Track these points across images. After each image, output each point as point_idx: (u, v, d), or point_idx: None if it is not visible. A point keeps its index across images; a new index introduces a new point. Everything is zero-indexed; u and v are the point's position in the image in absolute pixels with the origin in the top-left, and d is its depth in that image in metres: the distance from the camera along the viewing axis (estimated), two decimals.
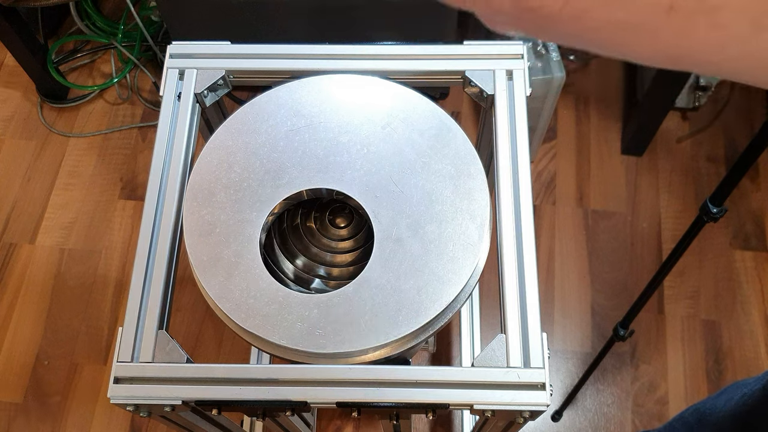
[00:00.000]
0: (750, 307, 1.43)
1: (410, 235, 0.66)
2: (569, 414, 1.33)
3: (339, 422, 1.33)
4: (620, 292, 1.45)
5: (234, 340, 1.41)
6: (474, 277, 0.66)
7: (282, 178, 0.70)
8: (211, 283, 0.65)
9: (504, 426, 0.72)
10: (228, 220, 0.68)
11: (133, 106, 1.70)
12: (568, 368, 1.38)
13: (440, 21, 1.36)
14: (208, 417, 0.74)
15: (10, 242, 1.52)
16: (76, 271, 1.48)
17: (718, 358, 1.38)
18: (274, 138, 0.72)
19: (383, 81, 0.75)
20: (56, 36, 1.78)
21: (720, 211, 0.86)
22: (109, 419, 1.34)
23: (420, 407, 0.62)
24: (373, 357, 0.64)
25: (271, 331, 0.63)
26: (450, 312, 0.65)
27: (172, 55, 0.80)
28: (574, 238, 1.51)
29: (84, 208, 1.56)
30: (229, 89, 0.81)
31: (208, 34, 0.82)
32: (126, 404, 0.63)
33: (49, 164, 1.62)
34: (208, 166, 0.71)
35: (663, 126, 1.55)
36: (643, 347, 1.39)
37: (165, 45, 0.86)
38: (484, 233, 0.67)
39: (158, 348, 0.65)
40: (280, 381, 0.63)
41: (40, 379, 1.37)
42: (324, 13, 1.36)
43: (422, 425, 1.33)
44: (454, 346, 1.39)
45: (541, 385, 0.62)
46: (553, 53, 1.34)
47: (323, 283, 0.77)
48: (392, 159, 0.70)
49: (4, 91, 1.73)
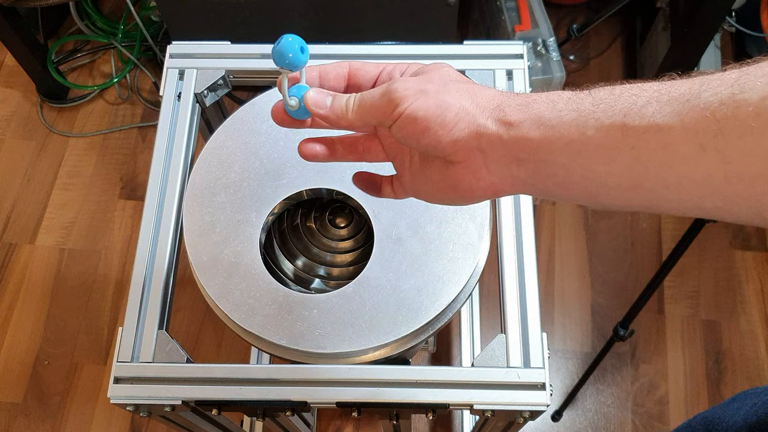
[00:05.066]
0: (750, 307, 1.43)
1: (410, 235, 0.66)
2: (569, 414, 1.33)
3: (339, 422, 1.33)
4: (620, 292, 1.45)
5: (234, 340, 1.41)
6: (474, 277, 0.66)
7: (282, 178, 0.70)
8: (211, 283, 0.65)
9: (504, 426, 0.72)
10: (228, 220, 0.68)
11: (133, 106, 1.70)
12: (568, 368, 1.38)
13: (440, 21, 1.36)
14: (208, 417, 0.74)
15: (10, 242, 1.52)
16: (76, 271, 1.48)
17: (718, 358, 1.38)
18: (274, 138, 0.72)
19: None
20: (56, 36, 1.78)
21: None
22: (109, 419, 1.34)
23: (420, 407, 0.62)
24: (373, 357, 0.64)
25: (271, 331, 0.63)
26: (450, 312, 0.65)
27: (172, 55, 0.80)
28: (574, 238, 1.51)
29: (84, 208, 1.56)
30: (229, 89, 0.81)
31: (208, 34, 0.82)
32: (126, 404, 0.63)
33: (49, 164, 1.62)
34: (208, 166, 0.71)
35: None
36: (643, 347, 1.39)
37: (165, 45, 0.86)
38: (484, 233, 0.67)
39: (158, 348, 0.65)
40: (280, 381, 0.63)
41: (40, 379, 1.37)
42: (324, 13, 1.36)
43: (422, 425, 1.33)
44: (454, 346, 1.39)
45: (541, 385, 0.62)
46: (553, 53, 1.34)
47: (323, 283, 0.77)
48: None
49: (4, 91, 1.73)
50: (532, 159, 0.38)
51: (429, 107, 0.40)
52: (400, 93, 0.41)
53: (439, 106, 0.40)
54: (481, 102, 0.40)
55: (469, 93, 0.41)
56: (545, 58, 1.34)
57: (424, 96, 0.40)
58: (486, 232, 0.67)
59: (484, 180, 0.41)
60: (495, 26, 1.51)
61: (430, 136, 0.40)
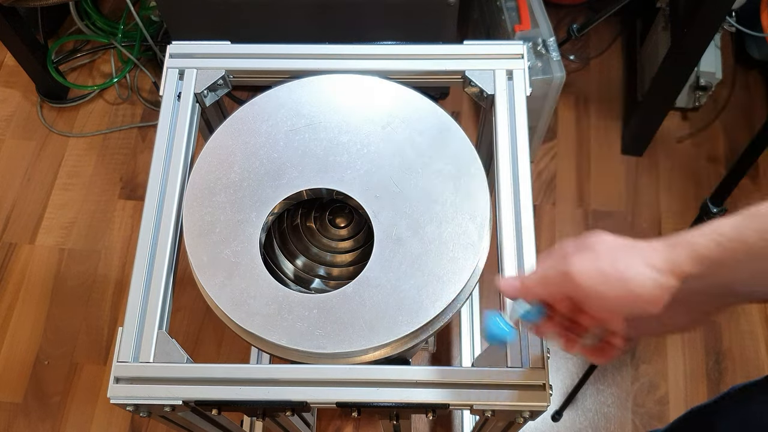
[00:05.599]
0: (750, 307, 1.43)
1: (410, 235, 0.66)
2: (569, 414, 1.33)
3: (339, 422, 1.33)
4: None
5: (234, 340, 1.41)
6: (474, 277, 0.66)
7: (282, 178, 0.70)
8: (211, 283, 0.65)
9: (504, 426, 0.72)
10: (228, 220, 0.68)
11: (133, 106, 1.70)
12: (568, 368, 1.38)
13: (440, 21, 1.36)
14: (208, 417, 0.74)
15: (10, 242, 1.52)
16: (76, 271, 1.48)
17: (718, 358, 1.38)
18: (274, 138, 0.72)
19: (383, 81, 0.75)
20: (56, 36, 1.77)
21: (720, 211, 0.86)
22: (109, 419, 1.34)
23: (420, 407, 0.62)
24: (373, 357, 0.64)
25: (271, 331, 0.63)
26: (450, 312, 0.65)
27: (172, 54, 0.80)
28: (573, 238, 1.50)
29: (84, 208, 1.56)
30: (229, 89, 0.81)
31: (208, 34, 0.82)
32: (126, 404, 0.63)
33: (49, 164, 1.62)
34: (208, 166, 0.71)
35: (663, 126, 1.54)
36: (643, 347, 1.39)
37: (165, 45, 0.86)
38: (484, 233, 0.67)
39: (158, 348, 0.65)
40: (280, 381, 0.63)
41: (40, 379, 1.37)
42: (324, 12, 1.36)
43: (422, 425, 1.33)
44: (454, 346, 1.39)
45: (541, 385, 0.62)
46: (553, 53, 1.34)
47: (323, 283, 0.77)
48: (392, 159, 0.70)
49: (4, 91, 1.73)
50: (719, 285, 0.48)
51: (611, 282, 0.46)
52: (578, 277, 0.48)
53: (619, 280, 0.46)
54: (654, 263, 0.46)
55: (638, 257, 0.46)
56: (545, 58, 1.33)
57: (602, 276, 0.47)
58: (486, 232, 0.67)
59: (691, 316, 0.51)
60: (495, 26, 1.51)
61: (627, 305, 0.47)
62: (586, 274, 0.46)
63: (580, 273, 0.47)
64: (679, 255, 0.45)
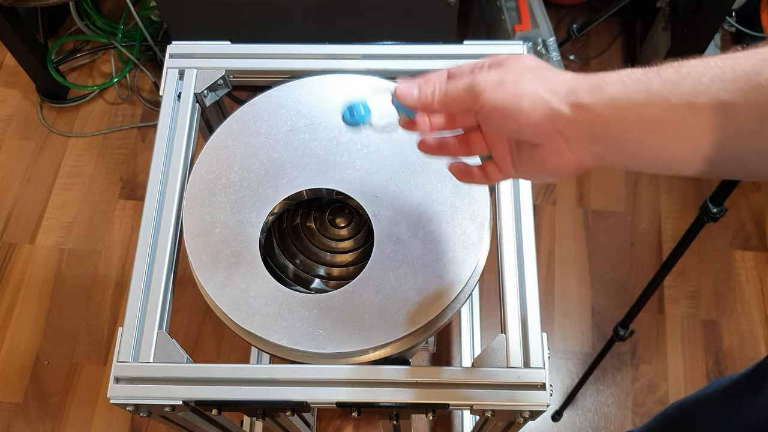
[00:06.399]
0: (750, 307, 1.43)
1: (410, 235, 0.66)
2: (569, 414, 1.33)
3: (339, 422, 1.33)
4: (620, 292, 1.45)
5: (234, 340, 1.41)
6: (474, 277, 0.66)
7: (282, 178, 0.70)
8: (211, 283, 0.65)
9: (504, 426, 0.72)
10: (228, 220, 0.68)
11: (133, 106, 1.70)
12: (568, 368, 1.38)
13: (440, 21, 1.36)
14: (208, 417, 0.74)
15: (10, 242, 1.52)
16: (76, 271, 1.48)
17: (718, 358, 1.38)
18: (274, 138, 0.72)
19: (383, 81, 0.75)
20: (56, 36, 1.77)
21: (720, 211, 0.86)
22: (109, 419, 1.34)
23: (420, 407, 0.62)
24: (373, 357, 0.64)
25: (271, 331, 0.63)
26: (450, 312, 0.65)
27: (172, 54, 0.80)
28: (574, 238, 1.51)
29: (84, 208, 1.56)
30: (229, 89, 0.81)
31: (208, 34, 0.82)
32: (126, 404, 0.63)
33: (49, 164, 1.62)
34: (208, 166, 0.71)
35: None
36: (643, 347, 1.39)
37: (165, 45, 0.86)
38: (484, 233, 0.67)
39: (158, 348, 0.65)
40: (280, 381, 0.63)
41: (40, 379, 1.37)
42: (324, 12, 1.36)
43: (422, 425, 1.33)
44: (454, 346, 1.39)
45: (541, 385, 0.62)
46: (553, 53, 1.34)
47: (323, 283, 0.77)
48: (392, 159, 0.70)
49: (4, 91, 1.73)
50: (606, 137, 0.42)
51: (506, 97, 0.44)
52: (480, 86, 0.46)
53: (515, 95, 0.44)
54: (554, 87, 0.44)
55: (543, 80, 0.45)
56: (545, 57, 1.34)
57: (502, 87, 0.45)
58: (486, 232, 0.67)
59: (567, 158, 0.45)
60: (495, 26, 1.51)
61: (511, 123, 0.45)
62: (488, 85, 0.46)
63: (484, 83, 0.46)
64: (581, 85, 0.43)
